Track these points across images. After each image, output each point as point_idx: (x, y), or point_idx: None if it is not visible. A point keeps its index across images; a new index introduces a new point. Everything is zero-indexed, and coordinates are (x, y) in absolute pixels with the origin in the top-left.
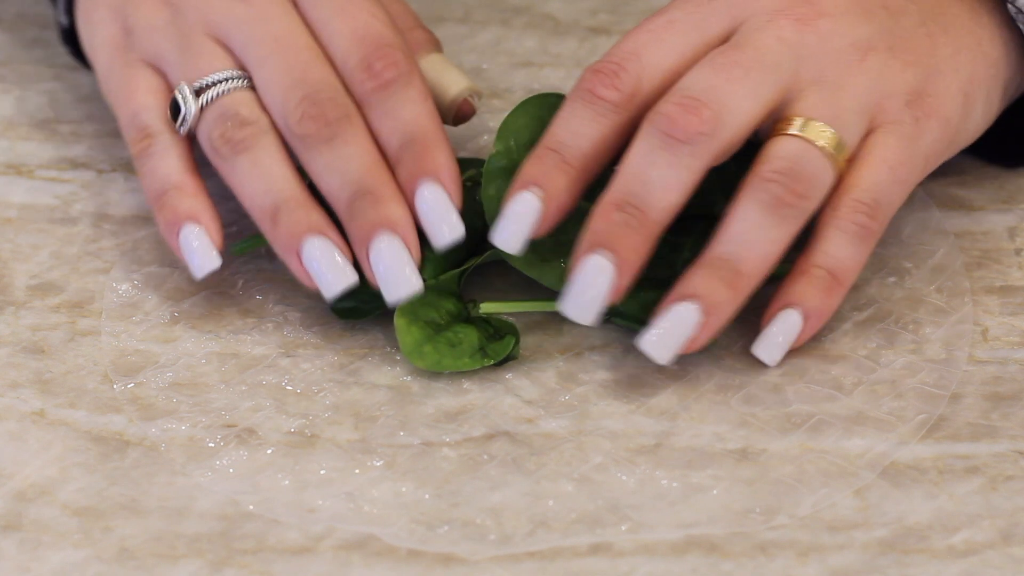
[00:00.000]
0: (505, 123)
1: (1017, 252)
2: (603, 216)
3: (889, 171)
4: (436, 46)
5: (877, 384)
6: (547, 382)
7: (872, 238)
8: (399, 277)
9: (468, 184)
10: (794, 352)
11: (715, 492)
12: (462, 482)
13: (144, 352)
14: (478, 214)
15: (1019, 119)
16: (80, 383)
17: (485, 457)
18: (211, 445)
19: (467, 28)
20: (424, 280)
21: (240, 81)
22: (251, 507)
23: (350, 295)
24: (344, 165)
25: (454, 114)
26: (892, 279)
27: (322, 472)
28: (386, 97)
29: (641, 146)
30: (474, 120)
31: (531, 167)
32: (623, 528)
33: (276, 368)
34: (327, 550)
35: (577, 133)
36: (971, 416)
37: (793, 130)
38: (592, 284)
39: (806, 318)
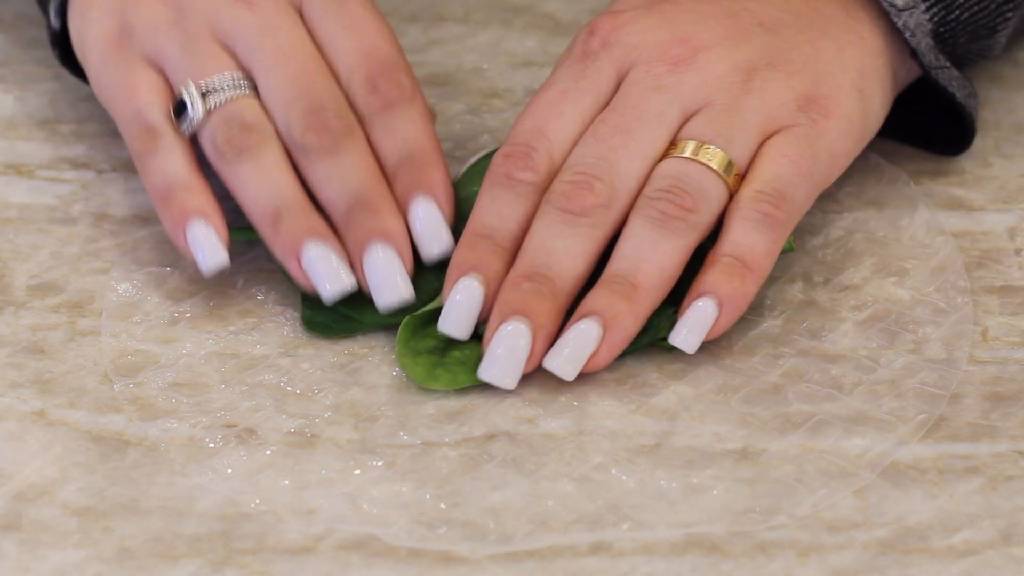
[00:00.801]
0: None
1: (1017, 252)
2: (513, 286)
3: (790, 164)
4: None
5: (877, 384)
6: (547, 382)
7: (779, 226)
8: (391, 285)
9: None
10: (794, 352)
11: (715, 492)
12: (462, 482)
13: (144, 352)
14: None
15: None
16: (80, 383)
17: (485, 457)
18: (211, 445)
19: (467, 28)
20: (415, 300)
21: (245, 87)
22: (251, 507)
23: (325, 310)
24: (344, 176)
25: None
26: (892, 279)
27: (322, 472)
28: (390, 117)
29: (542, 222)
30: (474, 120)
31: (466, 253)
32: (623, 528)
33: (276, 368)
34: (327, 550)
35: (504, 216)
36: (971, 416)
37: (677, 153)
38: (511, 348)
39: (720, 305)
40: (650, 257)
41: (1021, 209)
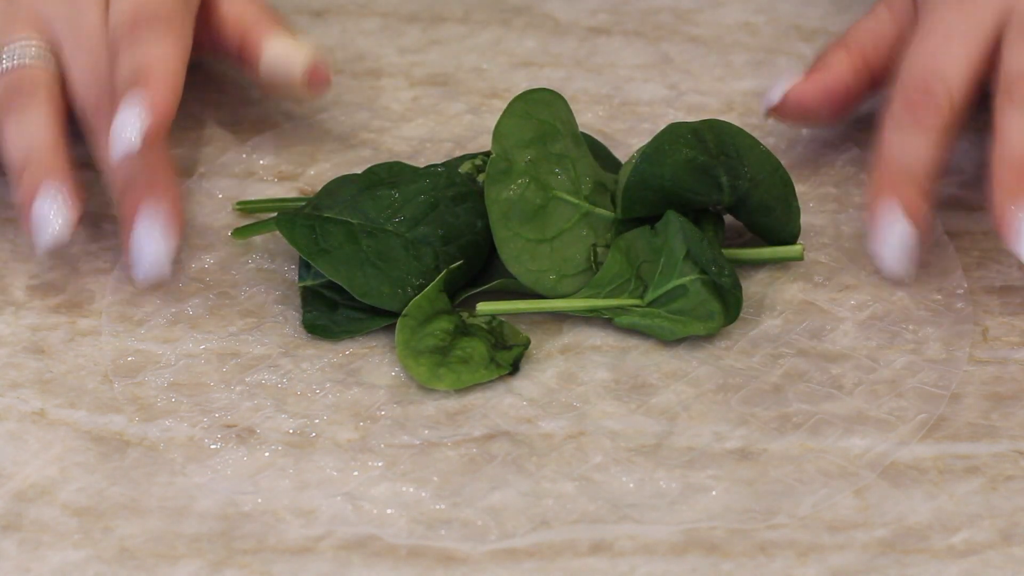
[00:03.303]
0: (498, 127)
1: None
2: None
3: None
4: (282, 27)
5: (877, 384)
6: (547, 382)
7: None
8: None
9: (469, 174)
10: (794, 352)
11: (715, 492)
12: (462, 482)
13: (144, 352)
14: (481, 214)
15: None
16: (80, 383)
17: (485, 457)
18: (211, 445)
19: (467, 28)
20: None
21: (43, 60)
22: (251, 507)
23: (326, 313)
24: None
25: (308, 82)
26: (892, 279)
27: (322, 472)
28: (131, 43)
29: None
30: (474, 120)
31: (887, 188)
32: (623, 528)
33: (276, 368)
34: (327, 550)
35: (915, 155)
36: (971, 416)
37: None
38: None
39: None
40: None
41: None
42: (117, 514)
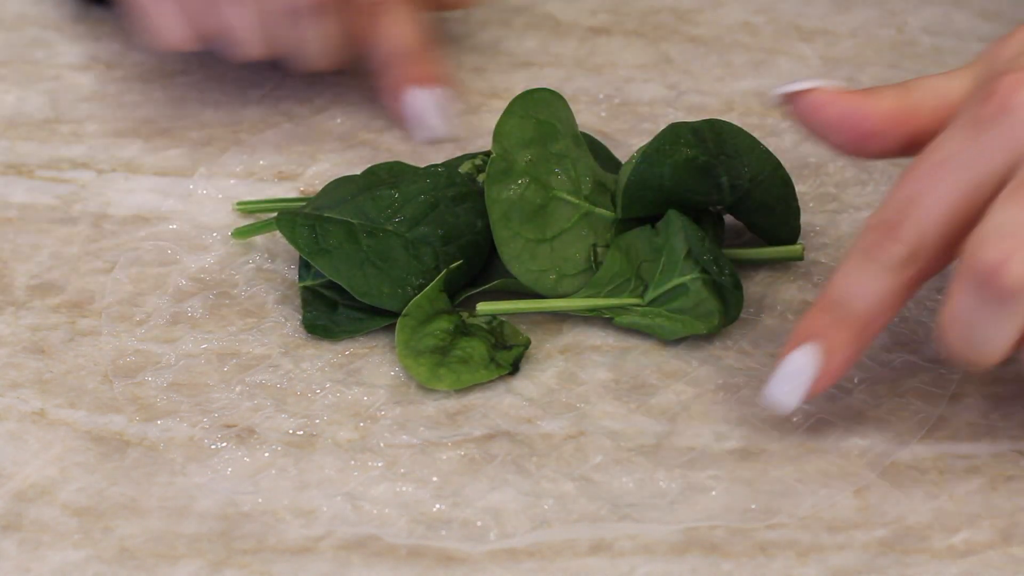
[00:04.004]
0: (499, 127)
1: None
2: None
3: None
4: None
5: (877, 384)
6: (547, 382)
7: None
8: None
9: (469, 174)
10: None
11: (715, 492)
12: (462, 482)
13: (144, 352)
14: (481, 214)
15: None
16: (80, 383)
17: (485, 457)
18: (211, 445)
19: (467, 28)
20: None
21: None
22: (251, 507)
23: (326, 314)
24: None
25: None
26: None
27: (322, 472)
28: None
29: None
30: (474, 120)
31: (812, 319)
32: (623, 528)
33: (276, 368)
34: (327, 550)
35: (859, 291)
36: (971, 416)
37: None
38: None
39: None
40: None
41: None
42: (117, 514)
